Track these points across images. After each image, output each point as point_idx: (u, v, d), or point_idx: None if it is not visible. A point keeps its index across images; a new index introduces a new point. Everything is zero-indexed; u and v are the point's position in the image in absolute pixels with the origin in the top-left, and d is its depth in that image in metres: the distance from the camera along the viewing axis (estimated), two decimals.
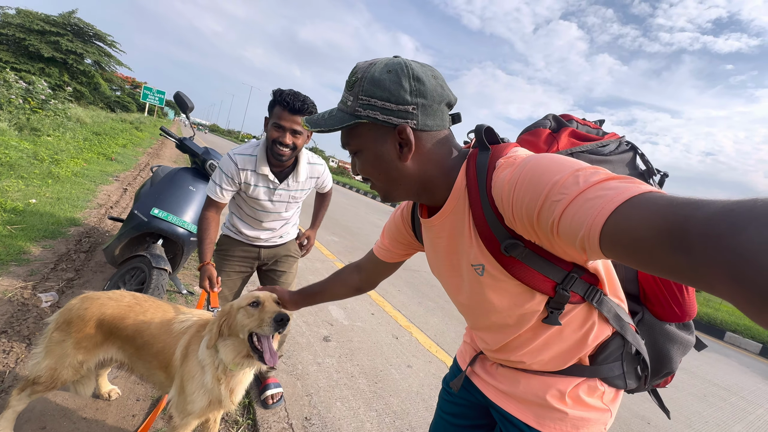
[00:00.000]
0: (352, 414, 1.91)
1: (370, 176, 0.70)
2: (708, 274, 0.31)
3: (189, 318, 1.26)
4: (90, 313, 1.26)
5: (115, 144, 9.65)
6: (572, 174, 0.48)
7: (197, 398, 1.17)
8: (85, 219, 3.71)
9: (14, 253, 2.59)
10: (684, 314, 0.73)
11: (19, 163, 4.75)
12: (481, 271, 0.66)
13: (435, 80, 0.63)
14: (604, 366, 0.71)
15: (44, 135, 7.11)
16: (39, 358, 1.27)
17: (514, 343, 0.73)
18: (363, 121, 0.63)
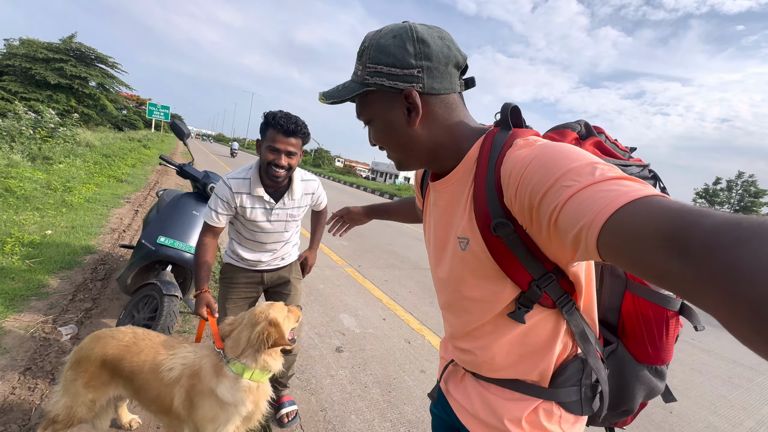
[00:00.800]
0: (367, 426, 1.94)
1: (383, 144, 0.70)
2: (699, 283, 0.31)
3: (174, 366, 1.27)
4: (95, 353, 1.30)
5: (124, 165, 9.87)
6: (589, 164, 0.47)
7: (221, 429, 1.23)
8: (99, 246, 3.82)
9: (34, 288, 2.69)
10: (657, 357, 0.71)
11: (34, 195, 4.91)
12: (465, 245, 0.65)
13: (441, 41, 0.62)
14: (561, 390, 0.69)
15: (56, 163, 7.32)
16: (58, 397, 1.32)
17: (475, 333, 0.72)
18: (372, 89, 0.64)
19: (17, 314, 2.34)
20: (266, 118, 1.51)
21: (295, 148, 1.53)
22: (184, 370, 1.27)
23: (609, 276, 0.75)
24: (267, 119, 1.51)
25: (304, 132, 1.53)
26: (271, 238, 1.72)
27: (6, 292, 2.52)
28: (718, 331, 4.33)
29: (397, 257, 5.91)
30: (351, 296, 3.74)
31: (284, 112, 1.52)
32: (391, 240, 6.96)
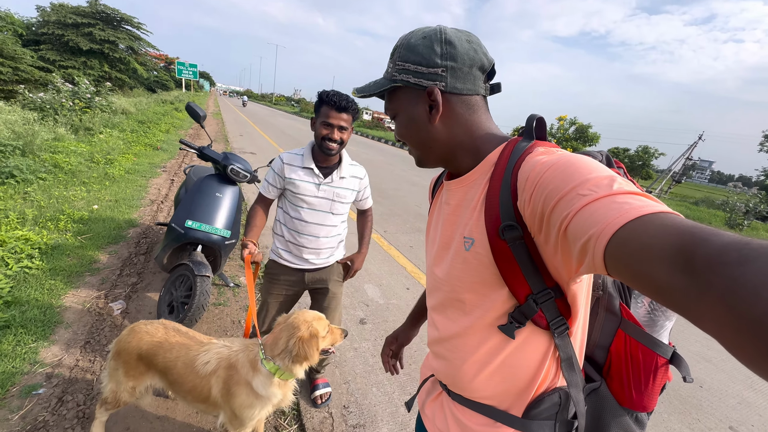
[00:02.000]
0: (387, 399, 2.06)
1: (405, 139, 0.73)
2: (699, 300, 0.31)
3: (210, 359, 1.38)
4: (131, 347, 1.44)
5: (159, 131, 10.21)
6: (609, 177, 0.47)
7: (255, 416, 1.38)
8: (140, 219, 4.09)
9: (86, 263, 2.97)
10: (640, 403, 0.70)
11: (79, 169, 5.25)
12: (469, 245, 0.65)
13: (468, 44, 0.64)
14: (534, 422, 0.67)
15: (96, 134, 7.70)
16: (105, 381, 1.50)
17: (460, 342, 0.71)
18: (398, 85, 0.68)
19: (75, 290, 2.62)
20: (320, 96, 1.63)
21: (346, 123, 1.63)
22: (221, 362, 1.39)
23: (604, 311, 0.73)
24: (321, 97, 1.62)
25: (354, 108, 1.63)
26: (316, 218, 1.71)
27: (64, 269, 2.80)
28: None
29: (424, 220, 5.88)
30: (376, 264, 3.82)
31: (336, 90, 1.64)
32: (418, 201, 6.90)
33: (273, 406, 1.41)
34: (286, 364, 1.32)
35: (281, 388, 1.38)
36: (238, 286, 3.03)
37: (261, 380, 1.34)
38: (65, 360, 1.99)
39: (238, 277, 3.17)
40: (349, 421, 1.88)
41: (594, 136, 13.64)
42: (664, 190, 21.09)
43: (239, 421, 1.37)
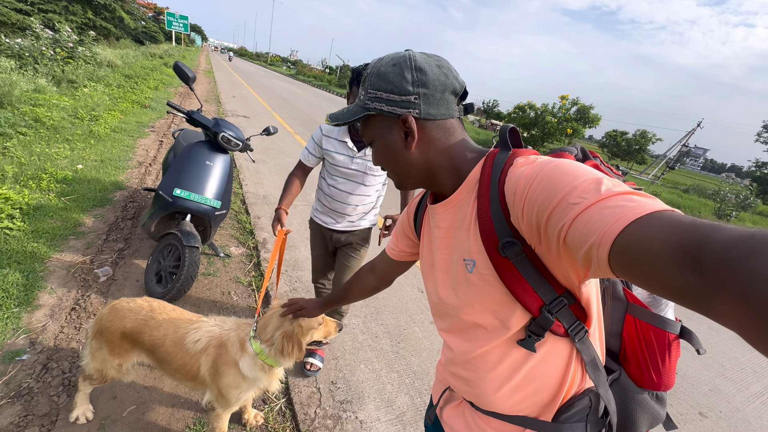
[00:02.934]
0: (374, 376, 2.10)
1: (382, 165, 0.74)
2: (714, 296, 0.32)
3: (201, 337, 1.35)
4: (114, 326, 1.40)
5: (147, 87, 9.74)
6: (594, 181, 0.46)
7: (242, 397, 1.37)
8: (127, 181, 3.96)
9: (71, 226, 2.88)
10: (660, 383, 0.71)
11: (63, 125, 5.00)
12: (471, 267, 0.65)
13: (439, 69, 0.64)
14: (566, 425, 0.67)
15: (81, 87, 7.30)
16: (87, 360, 1.47)
17: (478, 361, 0.70)
18: (372, 114, 0.68)
19: (59, 253, 2.55)
20: (353, 75, 1.58)
21: None
22: (211, 341, 1.37)
23: (610, 299, 0.74)
24: (354, 76, 1.57)
25: None
26: (348, 187, 1.80)
27: (47, 231, 2.71)
28: None
29: None
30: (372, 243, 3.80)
31: None
32: None
33: (259, 389, 1.40)
34: (271, 351, 1.30)
35: (267, 373, 1.36)
36: (228, 256, 2.99)
37: (247, 361, 1.32)
38: (50, 326, 1.96)
39: (228, 247, 3.13)
40: (337, 397, 1.91)
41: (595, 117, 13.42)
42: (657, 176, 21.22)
43: (225, 400, 1.36)
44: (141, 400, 1.70)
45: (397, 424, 1.83)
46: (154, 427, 1.59)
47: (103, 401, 1.65)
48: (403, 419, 1.86)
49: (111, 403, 1.66)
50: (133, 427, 1.58)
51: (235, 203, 4.01)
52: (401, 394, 2.01)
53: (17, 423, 1.48)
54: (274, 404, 1.83)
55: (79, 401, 1.54)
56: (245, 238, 3.34)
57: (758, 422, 2.42)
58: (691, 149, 27.44)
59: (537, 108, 14.35)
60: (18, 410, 1.52)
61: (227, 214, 2.71)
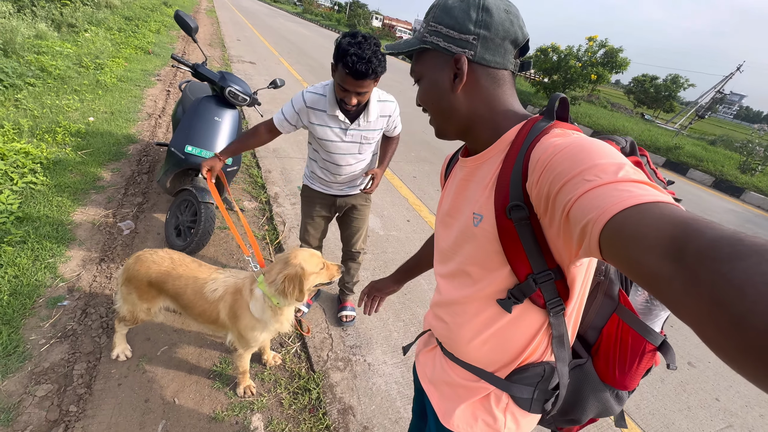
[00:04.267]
0: (382, 324, 2.26)
1: (426, 105, 0.72)
2: (685, 292, 0.31)
3: (218, 287, 1.48)
4: (141, 274, 1.53)
5: (149, 30, 9.33)
6: (617, 164, 0.47)
7: (258, 337, 1.52)
8: (139, 134, 3.99)
9: (90, 181, 2.98)
10: (623, 381, 0.74)
11: (69, 75, 4.94)
12: (478, 221, 0.67)
13: (506, 14, 0.62)
14: (515, 385, 0.73)
15: (81, 31, 7.05)
16: (120, 303, 1.63)
17: (460, 308, 0.75)
18: (427, 47, 0.66)
19: (82, 207, 2.68)
20: (338, 50, 1.41)
21: (366, 89, 1.49)
22: (227, 289, 1.50)
23: (602, 295, 0.75)
24: (339, 53, 1.40)
25: (376, 71, 1.44)
26: (345, 160, 1.75)
27: (69, 186, 2.82)
28: None
29: (429, 149, 5.74)
30: (378, 195, 3.84)
31: (358, 44, 1.38)
32: (425, 128, 6.63)
33: (273, 330, 1.54)
34: (275, 293, 1.40)
35: (275, 314, 1.47)
36: (242, 210, 3.09)
37: (255, 303, 1.45)
38: (83, 275, 2.13)
39: (241, 201, 3.22)
40: (347, 342, 2.09)
41: (623, 61, 12.40)
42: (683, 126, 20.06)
43: (245, 340, 1.52)
44: (172, 342, 1.89)
45: (402, 366, 2.02)
46: (185, 364, 1.80)
47: (138, 342, 1.85)
48: (407, 363, 2.04)
49: (146, 344, 1.85)
50: (167, 364, 1.78)
51: (246, 157, 4.04)
52: (407, 341, 2.18)
53: (67, 359, 1.68)
54: (290, 348, 2.01)
55: (117, 341, 1.73)
56: (257, 192, 3.42)
57: None
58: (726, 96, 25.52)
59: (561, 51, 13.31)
60: (66, 348, 1.73)
61: (238, 170, 2.75)
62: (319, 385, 1.81)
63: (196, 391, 1.69)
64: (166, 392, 1.66)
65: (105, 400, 1.57)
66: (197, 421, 1.58)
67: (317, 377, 1.84)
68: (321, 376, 1.86)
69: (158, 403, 1.62)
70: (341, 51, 1.38)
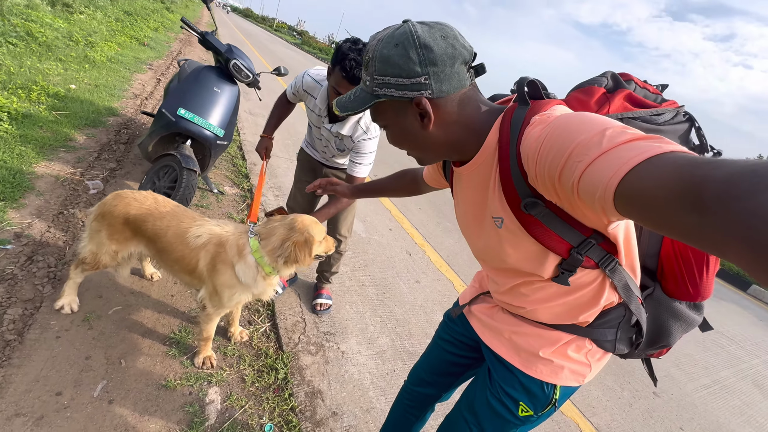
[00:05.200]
0: (358, 317, 2.15)
1: (402, 147, 0.73)
2: (719, 236, 0.31)
3: (202, 234, 1.36)
4: (118, 210, 1.39)
5: (147, 27, 9.31)
6: (598, 134, 0.46)
7: (235, 298, 1.38)
8: (122, 109, 3.82)
9: (62, 140, 2.78)
10: (697, 294, 0.74)
11: (56, 44, 4.75)
12: (500, 224, 0.68)
13: (444, 41, 0.60)
14: (598, 329, 0.75)
15: (76, 12, 6.91)
16: (85, 242, 1.46)
17: (521, 289, 0.76)
18: (382, 100, 0.65)
19: (48, 161, 2.46)
20: (337, 53, 1.39)
21: None
22: (212, 238, 1.38)
23: None
24: (338, 56, 1.39)
25: None
26: (321, 144, 1.81)
27: (36, 140, 2.61)
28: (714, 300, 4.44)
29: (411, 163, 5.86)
30: (362, 202, 3.81)
31: (358, 50, 1.36)
32: None
33: (253, 295, 1.43)
34: (276, 263, 1.32)
35: (264, 280, 1.38)
36: (222, 193, 2.95)
37: (244, 268, 1.34)
38: (36, 224, 1.91)
39: (222, 185, 3.09)
40: (321, 328, 1.96)
41: None
42: None
43: (218, 298, 1.38)
44: (127, 303, 1.69)
45: (377, 359, 1.90)
46: (139, 327, 1.60)
47: (89, 297, 1.64)
48: (383, 356, 1.93)
49: (97, 300, 1.65)
50: (118, 325, 1.58)
51: (232, 148, 3.94)
52: (383, 336, 2.07)
53: (0, 302, 1.46)
54: (260, 327, 1.85)
55: (67, 290, 1.52)
56: (240, 181, 3.31)
57: (703, 407, 2.61)
58: None
59: None
60: (0, 291, 1.50)
61: (227, 147, 2.66)
62: (287, 366, 1.65)
63: (147, 356, 1.50)
64: (113, 352, 1.46)
65: (37, 351, 1.35)
66: (144, 387, 1.38)
67: (286, 357, 1.69)
68: (290, 357, 1.71)
69: (101, 362, 1.41)
70: (341, 54, 1.37)
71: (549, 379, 0.79)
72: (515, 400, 0.82)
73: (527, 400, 0.81)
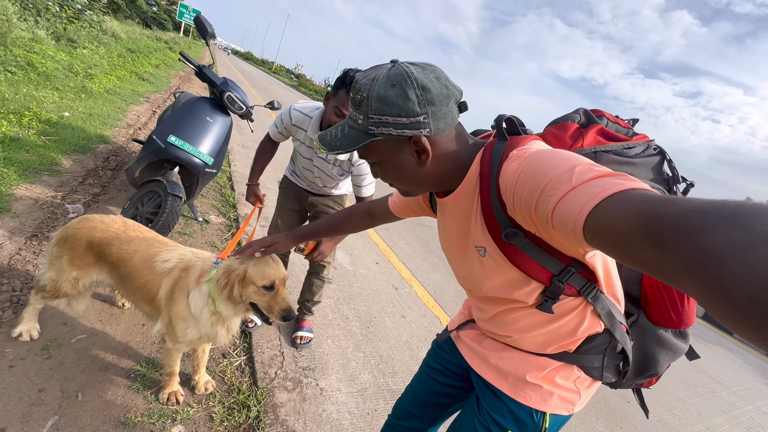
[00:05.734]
0: (340, 352, 2.05)
1: (392, 182, 0.74)
2: (676, 270, 0.32)
3: (171, 258, 1.29)
4: (81, 234, 1.33)
5: (149, 63, 9.63)
6: (568, 170, 0.49)
7: (188, 333, 1.25)
8: (114, 137, 3.85)
9: (47, 164, 2.75)
10: (680, 322, 0.74)
11: (55, 75, 4.86)
12: (483, 252, 0.70)
13: (438, 82, 0.63)
14: (585, 356, 0.75)
15: (80, 47, 7.16)
16: (45, 269, 1.38)
17: (505, 317, 0.76)
18: (378, 138, 0.65)
19: (29, 184, 2.42)
20: (344, 77, 1.44)
21: None
22: (179, 264, 1.30)
23: None
24: (344, 79, 1.43)
25: None
26: (317, 173, 1.78)
27: (20, 162, 2.58)
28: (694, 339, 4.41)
29: None
30: (350, 236, 3.80)
31: None
32: None
33: (206, 335, 1.27)
34: (219, 294, 1.17)
35: (213, 317, 1.22)
36: (207, 221, 2.91)
37: (196, 296, 1.22)
38: (6, 246, 1.84)
39: (208, 214, 3.05)
40: (300, 363, 1.86)
41: None
42: None
43: (173, 333, 1.27)
44: (93, 332, 1.59)
45: (358, 397, 1.79)
46: (102, 358, 1.49)
47: (52, 324, 1.54)
48: (364, 394, 1.82)
49: (60, 328, 1.55)
50: (80, 354, 1.47)
51: (221, 178, 3.95)
52: (365, 372, 1.97)
53: None
54: (234, 360, 1.75)
55: (26, 317, 1.43)
56: (226, 210, 3.28)
57: None
58: None
59: None
60: None
61: (215, 176, 2.67)
62: (260, 403, 1.54)
63: (108, 390, 1.38)
64: (70, 385, 1.35)
65: None
66: (100, 424, 1.26)
67: (260, 394, 1.58)
68: (264, 394, 1.60)
69: (55, 395, 1.29)
70: (347, 78, 1.42)
71: (538, 406, 0.77)
72: (503, 428, 0.79)
73: (516, 429, 0.79)
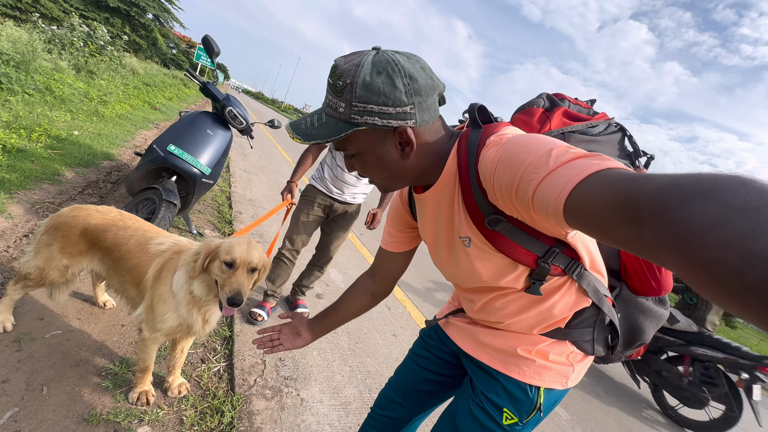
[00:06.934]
0: (325, 364, 1.97)
1: (373, 176, 0.71)
2: (656, 246, 0.32)
3: (165, 242, 1.30)
4: (76, 221, 1.34)
5: (162, 96, 10.12)
6: (545, 154, 0.50)
7: (167, 319, 1.23)
8: (119, 156, 3.96)
9: (49, 174, 2.82)
10: (660, 288, 0.76)
11: (71, 99, 5.10)
12: (468, 243, 0.69)
13: (424, 72, 0.61)
14: (575, 330, 0.75)
15: (99, 78, 7.56)
16: (30, 257, 1.37)
17: (495, 303, 0.76)
18: (361, 128, 0.62)
19: (28, 190, 2.46)
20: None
21: None
22: (173, 247, 1.31)
23: None
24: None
25: None
26: (352, 179, 2.03)
27: (23, 171, 2.64)
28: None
29: None
30: (345, 257, 3.77)
31: None
32: None
33: (184, 321, 1.23)
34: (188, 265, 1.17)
35: (192, 302, 1.21)
36: (201, 234, 2.92)
37: (180, 274, 1.20)
38: None
39: (203, 228, 3.06)
40: (281, 372, 1.77)
41: None
42: None
43: (152, 316, 1.23)
44: (69, 329, 1.55)
45: (341, 410, 1.69)
46: (75, 354, 1.44)
47: (29, 319, 1.50)
48: (347, 408, 1.72)
49: (36, 323, 1.51)
50: (52, 350, 1.42)
51: (220, 197, 4.00)
52: (350, 386, 1.87)
53: None
54: (213, 366, 1.68)
55: (1, 308, 1.40)
56: (222, 226, 3.29)
57: None
58: None
59: None
60: None
61: (212, 186, 2.71)
62: (236, 409, 1.46)
63: (75, 386, 1.32)
64: (37, 378, 1.29)
65: None
66: (62, 419, 1.20)
67: (236, 400, 1.50)
68: (241, 400, 1.51)
69: (19, 387, 1.24)
70: None
71: (532, 381, 0.76)
72: (499, 407, 0.77)
73: (511, 406, 0.77)
